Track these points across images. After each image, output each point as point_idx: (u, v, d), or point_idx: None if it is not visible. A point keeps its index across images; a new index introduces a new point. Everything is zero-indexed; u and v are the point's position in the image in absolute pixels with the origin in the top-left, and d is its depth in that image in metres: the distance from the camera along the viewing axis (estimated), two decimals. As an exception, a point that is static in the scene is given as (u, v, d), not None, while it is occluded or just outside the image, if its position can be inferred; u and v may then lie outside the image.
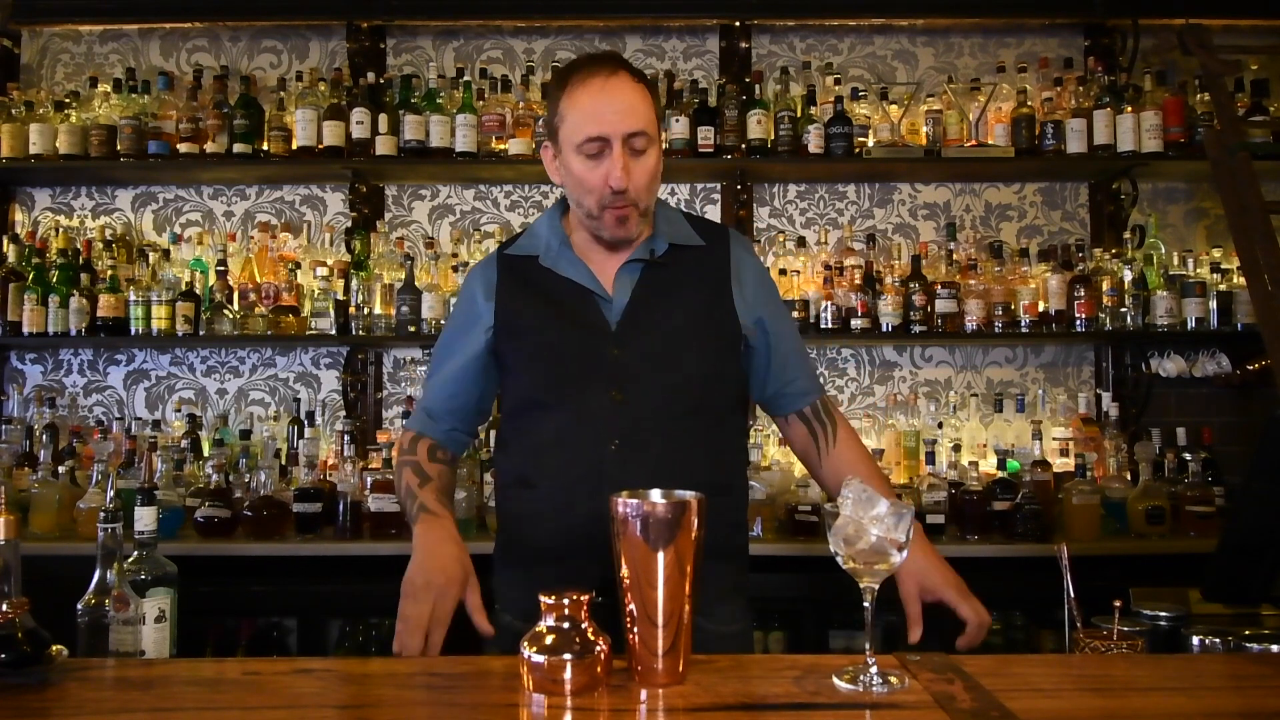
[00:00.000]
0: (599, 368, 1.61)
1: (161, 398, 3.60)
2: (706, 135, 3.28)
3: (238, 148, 3.31)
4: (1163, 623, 1.67)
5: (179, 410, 3.53)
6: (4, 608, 1.19)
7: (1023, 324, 3.27)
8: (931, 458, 3.15)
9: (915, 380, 3.58)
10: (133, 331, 3.27)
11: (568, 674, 1.11)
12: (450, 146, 3.29)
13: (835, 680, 1.16)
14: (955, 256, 3.40)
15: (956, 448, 3.14)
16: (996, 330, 3.26)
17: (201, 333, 3.27)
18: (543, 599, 1.15)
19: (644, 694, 1.14)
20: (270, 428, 3.39)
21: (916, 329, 3.25)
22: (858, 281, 3.31)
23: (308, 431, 3.31)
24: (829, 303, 3.27)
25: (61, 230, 3.51)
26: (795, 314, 3.24)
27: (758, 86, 3.40)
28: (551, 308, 1.66)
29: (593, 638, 1.13)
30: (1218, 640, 1.48)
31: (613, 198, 1.57)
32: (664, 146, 1.74)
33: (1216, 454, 3.24)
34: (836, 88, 3.42)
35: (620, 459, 1.57)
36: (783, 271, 3.33)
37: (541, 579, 1.53)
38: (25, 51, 3.69)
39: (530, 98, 3.44)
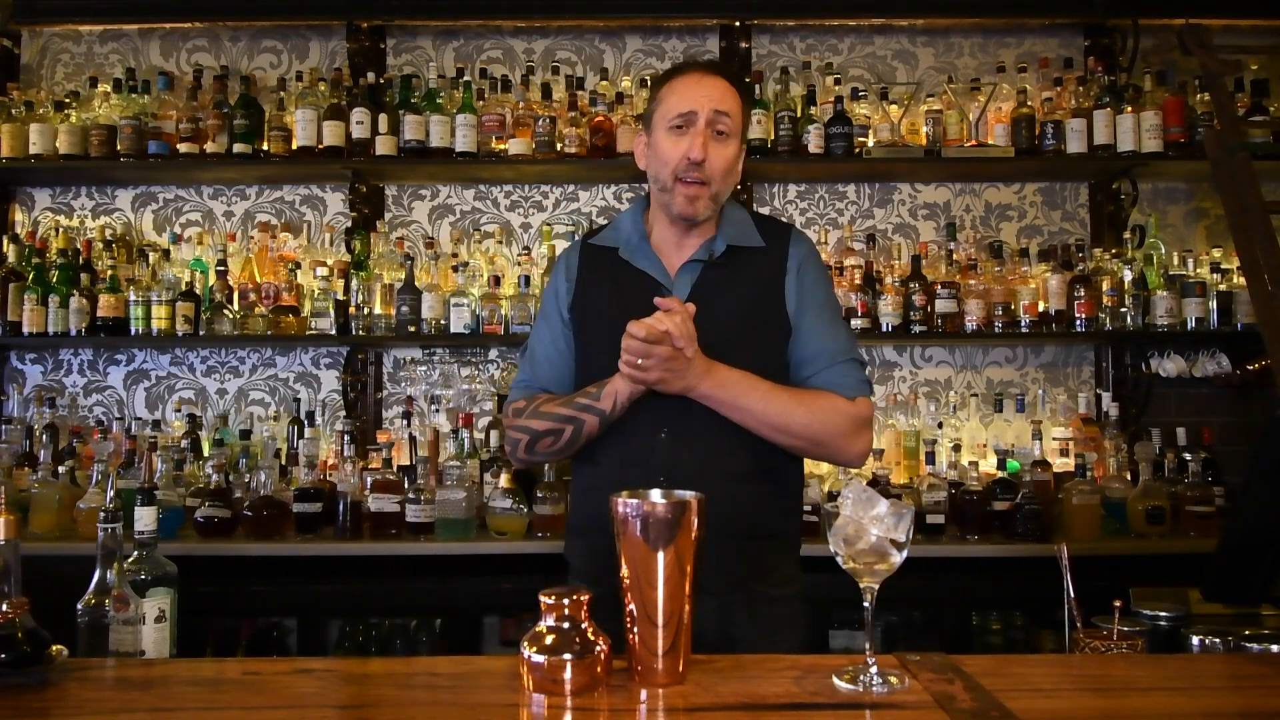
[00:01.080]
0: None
1: (161, 398, 3.60)
2: (706, 135, 3.28)
3: (238, 148, 3.31)
4: (1163, 623, 1.68)
5: (179, 410, 3.53)
6: (4, 608, 1.19)
7: (1023, 324, 3.27)
8: (931, 458, 3.15)
9: (915, 380, 3.58)
10: (133, 331, 3.27)
11: (568, 674, 1.11)
12: (450, 146, 3.29)
13: (835, 680, 1.16)
14: (955, 256, 3.40)
15: (956, 448, 3.14)
16: (996, 330, 3.26)
17: (201, 333, 3.27)
18: (543, 599, 1.15)
19: (644, 694, 1.14)
20: (270, 428, 3.39)
21: (916, 329, 3.25)
22: (858, 281, 3.30)
23: (308, 431, 3.31)
24: (829, 303, 3.26)
25: (61, 230, 3.51)
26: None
27: (758, 86, 3.39)
28: (622, 296, 1.75)
29: (593, 638, 1.13)
30: (1218, 640, 1.49)
31: (688, 169, 1.67)
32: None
33: (1216, 454, 3.24)
34: (836, 88, 3.42)
35: (670, 445, 1.66)
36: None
37: (600, 546, 1.59)
38: (25, 51, 3.69)
39: (530, 98, 3.45)
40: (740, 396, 1.65)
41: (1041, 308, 3.29)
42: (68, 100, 3.46)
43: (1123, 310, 3.27)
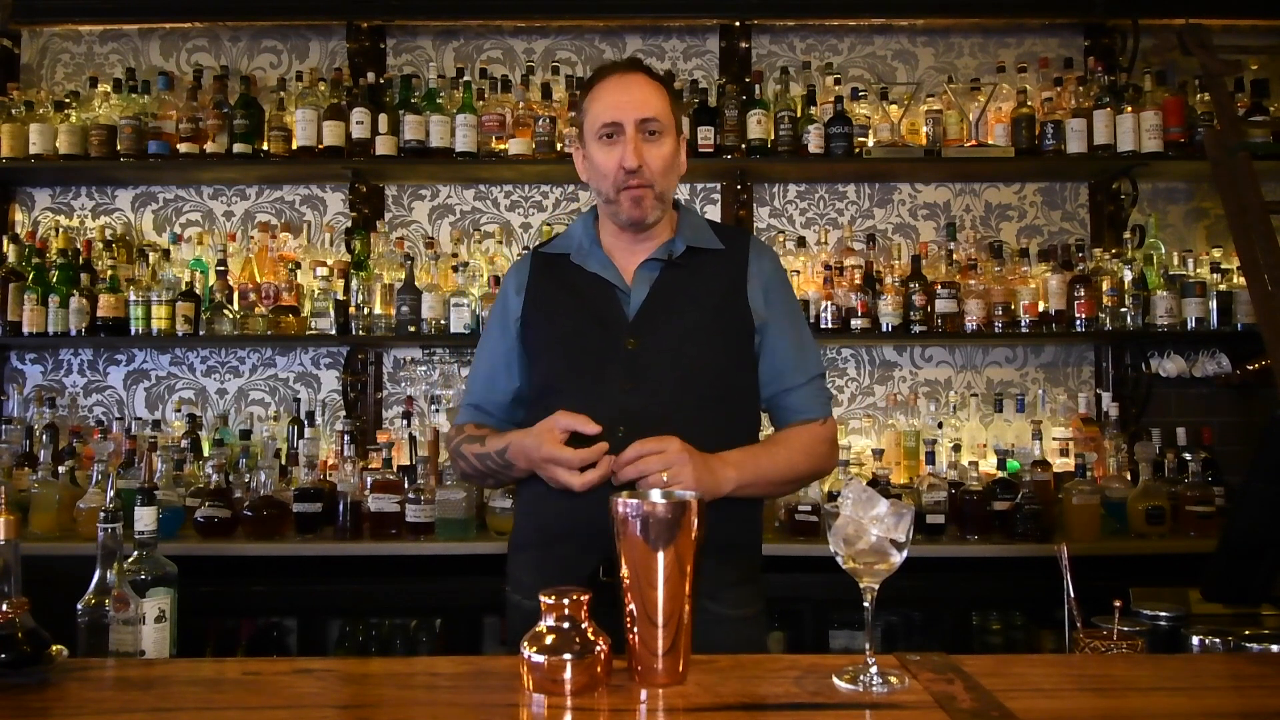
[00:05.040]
0: (614, 357, 1.67)
1: (161, 398, 3.60)
2: (706, 135, 3.28)
3: (238, 148, 3.31)
4: (1163, 623, 1.67)
5: (179, 410, 3.53)
6: (4, 608, 1.19)
7: (1023, 324, 3.27)
8: (931, 458, 3.15)
9: (915, 380, 3.58)
10: (133, 331, 3.27)
11: (568, 674, 1.11)
12: (450, 146, 3.29)
13: (835, 680, 1.16)
14: (955, 256, 3.40)
15: (956, 448, 3.14)
16: (996, 330, 3.25)
17: (201, 333, 3.27)
18: (543, 599, 1.15)
19: (644, 694, 1.14)
20: (270, 428, 3.39)
21: (916, 329, 3.25)
22: (858, 281, 3.31)
23: (308, 431, 3.31)
24: (829, 303, 3.27)
25: (61, 230, 3.51)
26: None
27: (758, 86, 3.39)
28: (575, 299, 1.74)
29: (593, 638, 1.13)
30: (1218, 640, 1.49)
31: (626, 178, 1.67)
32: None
33: (1216, 454, 3.24)
34: (836, 88, 3.42)
35: (627, 445, 1.58)
36: (783, 271, 3.33)
37: (548, 559, 1.65)
38: (25, 51, 3.69)
39: (530, 98, 3.44)
40: (760, 472, 1.64)
41: (1041, 308, 3.29)
42: (68, 100, 3.46)
43: (1123, 310, 3.26)
